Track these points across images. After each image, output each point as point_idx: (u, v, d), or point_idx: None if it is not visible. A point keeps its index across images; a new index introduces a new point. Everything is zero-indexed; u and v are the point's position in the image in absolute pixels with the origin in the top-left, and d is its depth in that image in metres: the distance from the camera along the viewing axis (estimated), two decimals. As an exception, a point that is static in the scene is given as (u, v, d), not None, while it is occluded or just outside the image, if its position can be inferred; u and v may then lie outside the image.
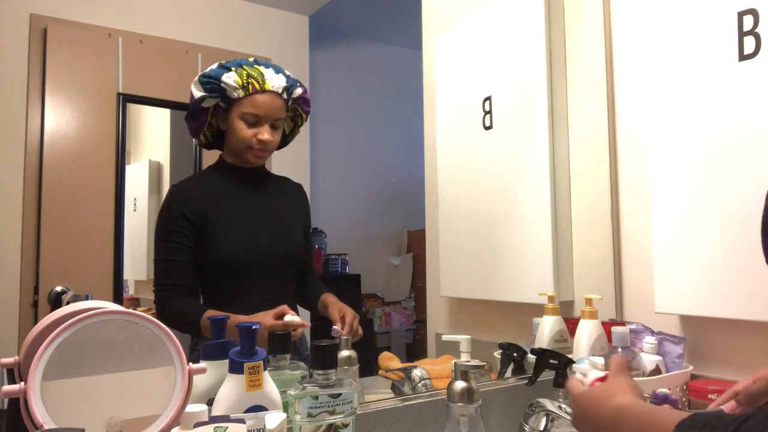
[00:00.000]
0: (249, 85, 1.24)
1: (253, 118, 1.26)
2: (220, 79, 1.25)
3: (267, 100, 1.26)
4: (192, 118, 1.32)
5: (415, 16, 1.88)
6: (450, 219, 1.73)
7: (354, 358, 1.14)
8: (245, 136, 1.27)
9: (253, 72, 1.26)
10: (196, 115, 1.31)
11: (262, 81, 1.25)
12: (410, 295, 2.83)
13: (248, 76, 1.25)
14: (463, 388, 0.96)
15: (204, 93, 1.26)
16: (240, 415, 0.76)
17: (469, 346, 1.30)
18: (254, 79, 1.25)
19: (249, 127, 1.27)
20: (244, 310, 1.12)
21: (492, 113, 1.62)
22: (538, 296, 1.42)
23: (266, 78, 1.26)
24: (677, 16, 1.32)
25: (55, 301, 1.63)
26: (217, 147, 1.37)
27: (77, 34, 1.86)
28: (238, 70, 1.25)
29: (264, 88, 1.25)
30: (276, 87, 1.27)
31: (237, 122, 1.27)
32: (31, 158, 1.78)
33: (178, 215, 1.26)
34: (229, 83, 1.24)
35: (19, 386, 0.64)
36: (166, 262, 1.26)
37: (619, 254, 1.48)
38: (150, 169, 2.04)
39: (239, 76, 1.24)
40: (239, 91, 1.25)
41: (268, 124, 1.28)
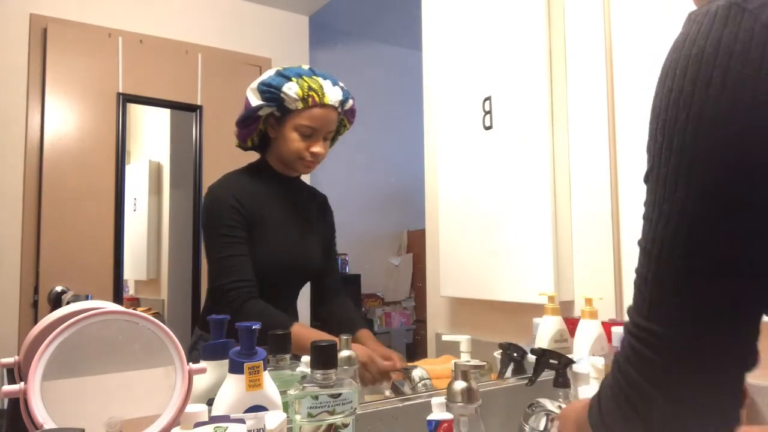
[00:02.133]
0: (309, 98, 1.22)
1: (309, 130, 1.24)
2: (280, 89, 1.22)
3: (324, 114, 1.25)
4: (244, 124, 1.29)
5: (415, 16, 1.88)
6: (450, 219, 1.73)
7: (354, 358, 1.14)
8: (298, 148, 1.25)
9: (313, 84, 1.23)
10: (248, 121, 1.28)
11: (321, 94, 1.23)
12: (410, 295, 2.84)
13: (309, 89, 1.22)
14: (463, 388, 0.96)
15: (262, 102, 1.23)
16: (240, 415, 0.76)
17: (469, 346, 1.31)
18: (314, 91, 1.22)
19: (303, 140, 1.25)
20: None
21: (492, 113, 1.62)
22: (538, 296, 1.42)
23: (325, 91, 1.24)
24: (677, 16, 1.32)
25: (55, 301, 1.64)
26: (258, 151, 1.35)
27: (77, 34, 1.86)
28: (299, 81, 1.22)
29: (323, 102, 1.23)
30: (334, 101, 1.25)
31: (291, 133, 1.25)
32: (31, 158, 1.78)
33: (230, 209, 1.22)
34: (290, 94, 1.21)
35: (19, 386, 0.64)
36: (230, 258, 1.20)
37: (619, 254, 1.48)
38: (150, 169, 2.04)
39: (300, 88, 1.22)
40: (298, 102, 1.22)
41: (322, 137, 1.27)
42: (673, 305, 0.51)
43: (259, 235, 1.24)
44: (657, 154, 0.53)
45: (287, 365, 0.95)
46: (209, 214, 1.24)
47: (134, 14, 1.99)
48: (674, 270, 0.51)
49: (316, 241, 1.37)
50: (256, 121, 1.27)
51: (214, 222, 1.22)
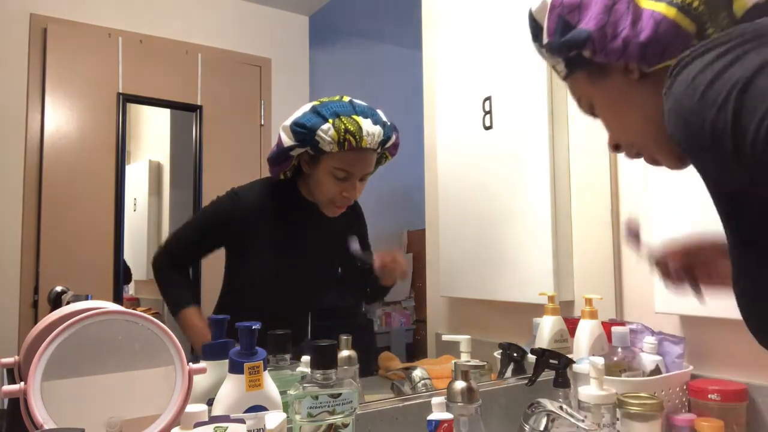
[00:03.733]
0: (345, 142, 1.15)
1: (344, 174, 1.19)
2: (315, 131, 1.15)
3: (361, 158, 1.20)
4: (276, 162, 1.24)
5: (415, 16, 1.88)
6: (450, 219, 1.72)
7: (354, 358, 1.14)
8: (332, 192, 1.21)
9: (350, 126, 1.16)
10: (280, 159, 1.23)
11: (359, 137, 1.16)
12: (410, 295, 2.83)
13: (345, 132, 1.15)
14: (463, 388, 0.96)
15: (294, 143, 1.18)
16: (240, 415, 0.76)
17: (469, 346, 1.31)
18: (351, 135, 1.15)
19: (337, 183, 1.20)
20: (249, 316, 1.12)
21: (492, 113, 1.62)
22: (538, 296, 1.41)
23: (363, 134, 1.16)
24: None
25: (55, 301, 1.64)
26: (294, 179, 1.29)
27: (77, 34, 1.86)
28: (335, 123, 1.15)
29: (360, 145, 1.17)
30: (372, 143, 1.19)
31: (325, 176, 1.20)
32: (31, 158, 1.78)
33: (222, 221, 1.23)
34: (324, 138, 1.15)
35: (19, 386, 0.64)
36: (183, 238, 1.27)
37: (619, 254, 1.48)
38: (150, 169, 2.04)
39: (336, 131, 1.15)
40: (333, 146, 1.16)
41: (358, 180, 1.22)
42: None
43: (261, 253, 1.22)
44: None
45: (287, 365, 0.95)
46: (207, 207, 1.28)
47: (134, 14, 1.99)
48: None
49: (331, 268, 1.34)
50: (288, 159, 1.21)
51: (202, 215, 1.28)
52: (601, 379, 1.06)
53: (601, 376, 1.07)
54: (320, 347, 0.85)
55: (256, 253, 1.22)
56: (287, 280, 1.25)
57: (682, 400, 1.21)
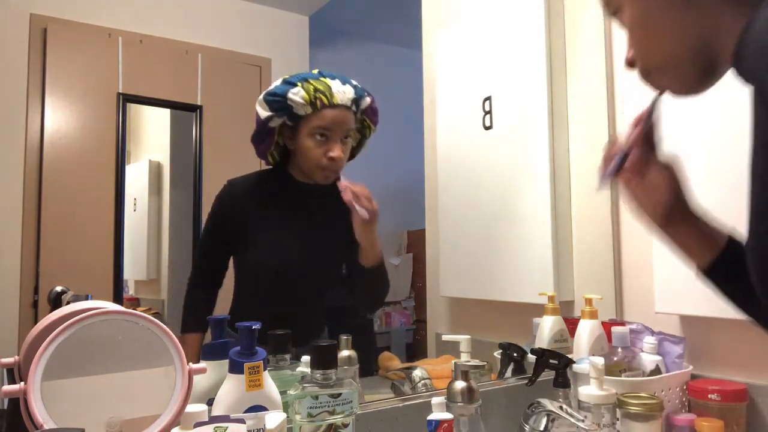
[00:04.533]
0: (317, 101, 1.19)
1: (323, 134, 1.21)
2: (286, 96, 1.19)
3: (336, 115, 1.22)
4: (258, 139, 1.26)
5: (415, 16, 1.88)
6: (450, 219, 1.73)
7: (354, 358, 1.14)
8: (315, 155, 1.22)
9: (320, 86, 1.20)
10: (262, 135, 1.25)
11: (330, 95, 1.20)
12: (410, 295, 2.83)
13: (315, 91, 1.19)
14: (463, 388, 0.96)
15: (270, 112, 1.21)
16: (240, 415, 0.76)
17: (469, 346, 1.30)
18: (322, 93, 1.19)
19: (319, 145, 1.22)
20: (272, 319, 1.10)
21: (492, 113, 1.62)
22: (538, 296, 1.42)
23: (334, 91, 1.21)
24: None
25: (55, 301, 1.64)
26: (283, 162, 1.32)
27: (77, 34, 1.86)
28: (304, 85, 1.19)
29: (332, 102, 1.20)
30: (344, 100, 1.22)
31: (306, 140, 1.22)
32: (31, 158, 1.78)
33: (222, 212, 1.26)
34: (296, 100, 1.19)
35: (19, 386, 0.64)
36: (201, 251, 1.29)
37: (619, 254, 1.48)
38: (150, 169, 2.04)
39: (306, 92, 1.19)
40: (307, 107, 1.19)
41: (338, 140, 1.23)
42: None
43: (258, 243, 1.23)
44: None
45: (287, 365, 0.95)
46: (211, 208, 1.30)
47: (134, 14, 1.99)
48: None
49: (328, 248, 1.33)
50: (270, 134, 1.24)
51: (209, 218, 1.29)
52: (601, 379, 1.06)
53: (601, 376, 1.07)
54: (320, 347, 0.85)
55: (255, 242, 1.23)
56: (291, 266, 1.25)
57: (682, 400, 1.21)
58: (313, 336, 1.31)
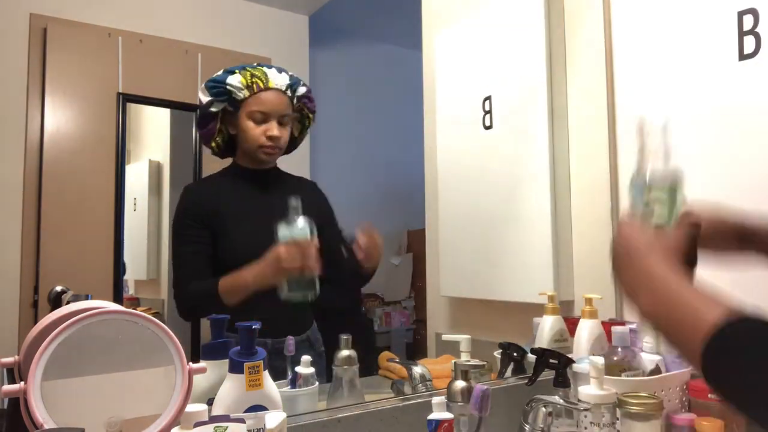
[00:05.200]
0: (253, 84, 1.28)
1: (261, 115, 1.28)
2: (225, 81, 1.28)
3: (272, 97, 1.29)
4: (202, 124, 1.34)
5: (415, 16, 1.88)
6: (450, 219, 1.73)
7: (354, 358, 1.14)
8: (255, 134, 1.29)
9: (256, 72, 1.29)
10: (205, 121, 1.33)
11: (265, 79, 1.29)
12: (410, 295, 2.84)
13: (252, 76, 1.28)
14: (463, 388, 0.96)
15: (210, 97, 1.29)
16: (240, 414, 0.76)
17: (469, 346, 1.30)
18: (258, 78, 1.28)
19: (257, 125, 1.29)
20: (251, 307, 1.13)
21: (492, 113, 1.62)
22: (538, 296, 1.41)
23: (269, 77, 1.29)
24: (677, 15, 1.32)
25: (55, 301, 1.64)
26: (230, 154, 1.38)
27: (77, 34, 1.86)
28: (242, 72, 1.29)
29: (268, 86, 1.29)
30: (279, 84, 1.30)
31: (246, 122, 1.29)
32: (31, 158, 1.78)
33: (190, 216, 1.29)
34: (234, 84, 1.27)
35: (19, 386, 0.64)
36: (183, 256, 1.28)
37: (619, 254, 1.48)
38: (150, 169, 2.04)
39: (243, 77, 1.28)
40: (244, 91, 1.28)
41: (276, 121, 1.30)
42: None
43: (226, 231, 1.26)
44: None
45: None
46: (173, 220, 1.32)
47: (134, 14, 1.99)
48: None
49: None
50: (213, 119, 1.31)
51: (174, 227, 1.31)
52: (601, 379, 1.06)
53: (601, 376, 1.06)
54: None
55: (219, 236, 1.26)
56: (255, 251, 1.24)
57: (682, 399, 1.21)
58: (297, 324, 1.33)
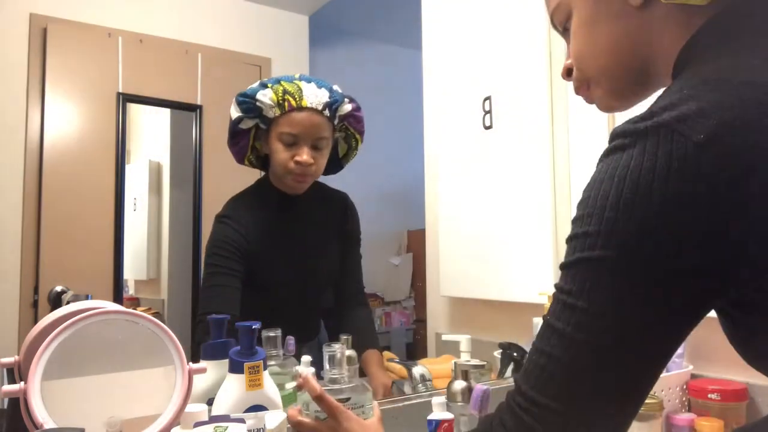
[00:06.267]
0: (284, 102, 1.13)
1: (291, 138, 1.15)
2: (255, 96, 1.14)
3: (304, 118, 1.15)
4: (233, 142, 1.22)
5: (415, 16, 1.88)
6: (450, 219, 1.73)
7: (354, 358, 1.14)
8: (283, 159, 1.16)
9: (289, 88, 1.14)
10: (236, 138, 1.21)
11: (299, 97, 1.14)
12: (410, 295, 2.84)
13: (284, 92, 1.13)
14: (463, 388, 0.96)
15: (240, 113, 1.16)
16: (240, 414, 0.76)
17: (469, 346, 1.30)
18: (290, 95, 1.13)
19: (287, 149, 1.16)
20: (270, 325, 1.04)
21: (492, 113, 1.62)
22: (538, 296, 1.41)
23: (304, 94, 1.14)
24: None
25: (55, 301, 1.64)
26: (265, 169, 1.28)
27: (77, 34, 1.86)
28: (274, 87, 1.14)
29: (301, 105, 1.14)
30: (315, 103, 1.15)
31: (275, 143, 1.17)
32: (31, 158, 1.78)
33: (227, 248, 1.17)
34: (264, 101, 1.14)
35: (19, 386, 0.64)
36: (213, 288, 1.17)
37: (619, 254, 1.48)
38: (150, 169, 2.04)
39: (275, 93, 1.14)
40: (275, 109, 1.14)
41: (308, 145, 1.16)
42: (584, 392, 0.50)
43: (256, 260, 1.20)
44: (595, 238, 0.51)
45: (279, 361, 0.95)
46: (210, 243, 1.20)
47: (134, 14, 1.99)
48: (596, 360, 0.50)
49: (318, 255, 1.31)
50: (244, 136, 1.21)
51: (213, 250, 1.18)
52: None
53: (601, 376, 1.06)
54: (331, 352, 0.84)
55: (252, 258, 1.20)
56: (285, 276, 1.24)
57: (682, 399, 1.21)
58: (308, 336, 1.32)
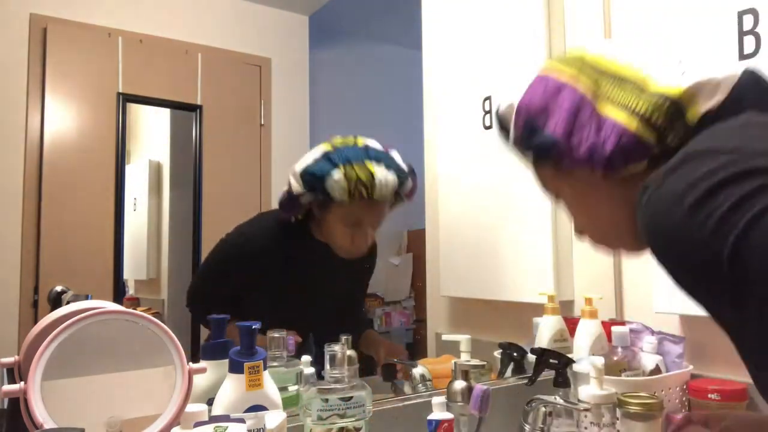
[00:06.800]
0: (356, 192, 1.11)
1: (356, 221, 1.16)
2: (324, 179, 1.11)
3: (373, 209, 1.16)
4: (286, 208, 1.20)
5: (415, 16, 1.88)
6: (450, 219, 1.73)
7: (354, 357, 1.14)
8: (343, 239, 1.17)
9: (362, 175, 1.10)
10: (290, 206, 1.19)
11: (371, 188, 1.11)
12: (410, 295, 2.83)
13: (357, 182, 1.10)
14: (463, 388, 0.96)
15: (304, 190, 1.14)
16: (240, 414, 0.76)
17: (469, 346, 1.30)
18: (363, 185, 1.11)
19: (347, 231, 1.17)
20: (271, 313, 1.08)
21: (492, 113, 1.62)
22: (538, 296, 1.41)
23: (377, 185, 1.11)
24: (677, 16, 1.32)
25: (55, 301, 1.64)
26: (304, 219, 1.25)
27: (77, 34, 1.86)
28: (346, 171, 1.10)
29: (372, 196, 1.12)
30: (385, 195, 1.14)
31: (336, 224, 1.17)
32: (31, 158, 1.78)
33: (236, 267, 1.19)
34: (335, 187, 1.10)
35: (19, 386, 0.64)
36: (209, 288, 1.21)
37: (619, 254, 1.48)
38: (150, 169, 2.04)
39: (347, 179, 1.10)
40: (345, 195, 1.11)
41: (369, 227, 1.18)
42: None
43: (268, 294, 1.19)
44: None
45: (283, 363, 0.95)
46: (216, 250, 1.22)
47: (134, 14, 1.99)
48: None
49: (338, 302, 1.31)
50: (299, 205, 1.18)
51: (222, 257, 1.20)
52: (601, 379, 1.06)
53: (601, 376, 1.07)
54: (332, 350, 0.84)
55: (263, 291, 1.19)
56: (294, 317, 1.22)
57: (682, 399, 1.21)
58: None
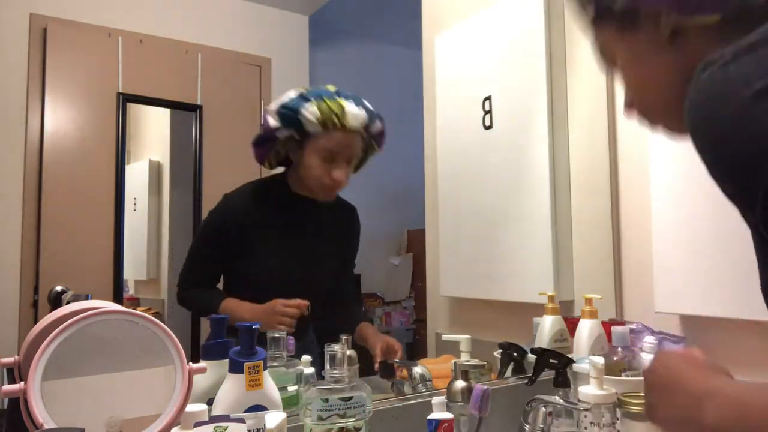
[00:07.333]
0: (328, 122, 1.18)
1: (329, 155, 1.21)
2: (298, 111, 1.18)
3: (345, 139, 1.21)
4: (259, 144, 1.26)
5: (415, 16, 1.88)
6: (450, 219, 1.72)
7: (354, 358, 1.14)
8: (319, 173, 1.22)
9: (334, 106, 1.18)
10: (264, 143, 1.25)
11: (342, 117, 1.19)
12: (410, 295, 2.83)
13: (329, 111, 1.18)
14: (463, 388, 0.96)
15: (279, 124, 1.20)
16: (240, 414, 0.76)
17: (469, 346, 1.30)
18: (335, 115, 1.18)
19: (324, 165, 1.21)
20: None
21: (492, 113, 1.62)
22: (538, 296, 1.41)
23: (347, 114, 1.19)
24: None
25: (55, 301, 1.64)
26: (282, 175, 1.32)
27: (77, 34, 1.86)
28: (318, 103, 1.18)
29: (344, 125, 1.19)
30: (356, 125, 1.21)
31: (311, 158, 1.22)
32: (31, 158, 1.78)
33: (223, 229, 1.25)
34: (308, 117, 1.17)
35: (19, 386, 0.64)
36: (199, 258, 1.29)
37: (619, 254, 1.48)
38: (150, 169, 2.04)
39: (320, 110, 1.17)
40: (318, 126, 1.18)
41: (344, 162, 1.23)
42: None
43: (253, 254, 1.23)
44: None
45: (283, 363, 0.95)
46: (205, 220, 1.31)
47: (134, 14, 1.99)
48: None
49: (321, 260, 1.33)
50: (272, 142, 1.24)
51: (207, 224, 1.31)
52: (601, 379, 1.06)
53: (601, 376, 1.07)
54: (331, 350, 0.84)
55: (251, 252, 1.23)
56: (285, 277, 1.26)
57: (682, 399, 1.21)
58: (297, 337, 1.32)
